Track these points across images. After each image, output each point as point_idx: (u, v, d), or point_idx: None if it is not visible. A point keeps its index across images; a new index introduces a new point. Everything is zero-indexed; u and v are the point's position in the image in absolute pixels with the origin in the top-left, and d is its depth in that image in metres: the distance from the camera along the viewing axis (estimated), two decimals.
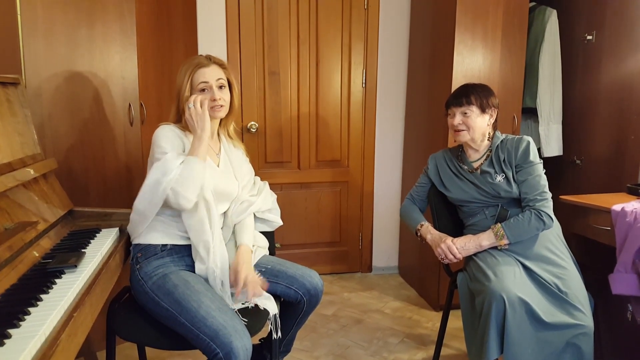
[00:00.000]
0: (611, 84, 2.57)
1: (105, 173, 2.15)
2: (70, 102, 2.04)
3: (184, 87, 1.64)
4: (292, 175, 3.19)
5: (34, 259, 1.35)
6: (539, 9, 2.81)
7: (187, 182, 1.49)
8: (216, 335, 1.37)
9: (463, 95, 1.88)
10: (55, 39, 1.98)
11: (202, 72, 1.64)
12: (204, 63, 1.65)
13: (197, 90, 1.64)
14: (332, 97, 3.16)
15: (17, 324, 0.98)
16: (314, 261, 3.30)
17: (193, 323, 1.40)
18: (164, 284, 1.50)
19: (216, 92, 1.64)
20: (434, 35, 2.80)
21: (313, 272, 1.73)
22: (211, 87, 1.64)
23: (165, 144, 1.57)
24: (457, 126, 1.89)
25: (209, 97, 1.62)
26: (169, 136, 1.60)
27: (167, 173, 1.48)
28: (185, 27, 2.72)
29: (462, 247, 1.86)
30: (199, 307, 1.42)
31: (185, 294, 1.46)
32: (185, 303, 1.44)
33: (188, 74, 1.64)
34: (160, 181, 1.48)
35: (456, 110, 1.89)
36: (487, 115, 1.89)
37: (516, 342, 1.61)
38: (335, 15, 3.06)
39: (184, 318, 1.42)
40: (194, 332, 1.40)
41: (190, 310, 1.42)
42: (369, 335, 2.52)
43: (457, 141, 1.95)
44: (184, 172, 1.49)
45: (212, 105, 1.64)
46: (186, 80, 1.64)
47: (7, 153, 1.47)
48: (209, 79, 1.64)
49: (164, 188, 1.47)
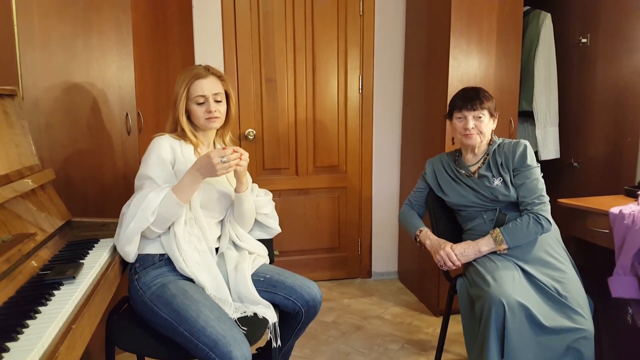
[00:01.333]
0: (606, 86, 2.58)
1: (103, 182, 2.15)
2: (67, 112, 2.05)
3: (180, 97, 1.65)
4: (290, 182, 3.19)
5: (32, 270, 1.34)
6: (533, 13, 2.83)
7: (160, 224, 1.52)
8: (215, 345, 1.37)
9: (476, 98, 1.86)
10: (52, 50, 1.98)
11: (200, 84, 1.65)
12: (202, 74, 1.66)
13: (193, 102, 1.66)
14: (328, 103, 3.17)
15: (15, 337, 0.98)
16: (313, 267, 3.29)
17: (192, 333, 1.40)
18: (163, 294, 1.50)
19: (212, 104, 1.66)
20: (429, 40, 2.82)
21: (312, 283, 1.72)
22: (207, 100, 1.66)
23: (152, 166, 1.59)
24: (471, 130, 1.87)
25: (238, 156, 1.58)
26: (161, 155, 1.60)
27: (141, 220, 1.49)
28: (181, 35, 2.73)
29: (461, 253, 1.86)
30: (198, 316, 1.42)
31: (184, 304, 1.45)
32: (184, 312, 1.43)
33: (185, 84, 1.65)
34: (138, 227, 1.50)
35: (468, 114, 1.87)
36: (494, 120, 1.91)
37: (516, 347, 1.60)
38: (331, 21, 3.07)
39: (182, 328, 1.42)
40: (193, 342, 1.40)
41: (189, 320, 1.42)
42: (369, 342, 2.51)
43: (466, 144, 1.93)
44: (158, 217, 1.51)
45: (207, 117, 1.66)
46: (183, 90, 1.65)
47: (5, 164, 1.47)
48: (207, 92, 1.65)
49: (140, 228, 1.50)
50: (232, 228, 1.76)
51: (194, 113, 1.67)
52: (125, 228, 1.49)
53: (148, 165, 1.59)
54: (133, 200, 1.52)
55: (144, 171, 1.60)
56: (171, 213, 1.51)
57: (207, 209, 1.69)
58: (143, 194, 1.50)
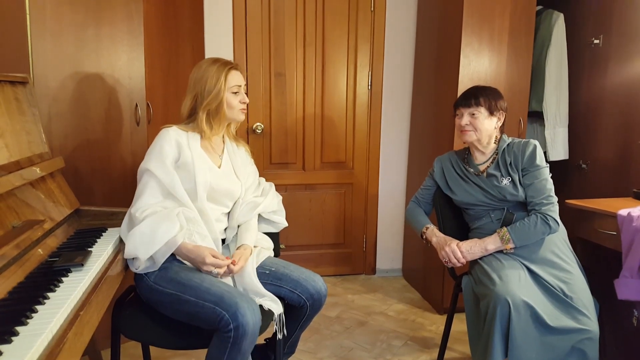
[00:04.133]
0: (618, 88, 2.56)
1: (111, 173, 2.16)
2: (77, 102, 2.05)
3: (220, 86, 1.66)
4: (297, 177, 3.19)
5: (41, 257, 1.35)
6: (546, 13, 2.81)
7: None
8: (221, 299, 1.38)
9: (472, 96, 1.89)
10: (64, 39, 1.99)
11: (236, 74, 1.71)
12: (234, 66, 1.72)
13: (229, 91, 1.69)
14: (337, 98, 3.16)
15: (25, 321, 0.99)
16: (317, 262, 3.30)
17: (197, 295, 1.42)
18: (166, 274, 1.53)
19: (244, 95, 1.73)
20: (440, 38, 2.80)
21: (317, 277, 1.72)
22: (241, 89, 1.72)
23: (153, 160, 1.59)
24: (465, 127, 1.89)
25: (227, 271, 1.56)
26: (164, 149, 1.61)
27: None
28: (192, 28, 2.73)
29: (467, 250, 1.86)
30: (202, 280, 1.46)
31: (188, 276, 1.49)
32: (188, 282, 1.47)
33: (224, 74, 1.67)
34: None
35: (464, 111, 1.89)
36: (495, 118, 1.89)
37: (521, 346, 1.60)
38: (341, 17, 3.07)
39: (188, 295, 1.44)
40: (199, 304, 1.40)
41: (194, 286, 1.45)
42: (372, 338, 2.51)
43: (463, 141, 1.95)
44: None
45: (242, 107, 1.73)
46: (222, 79, 1.66)
47: (15, 151, 1.48)
48: (241, 82, 1.72)
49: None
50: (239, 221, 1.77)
51: (230, 103, 1.70)
52: (127, 245, 1.48)
53: (149, 160, 1.61)
54: (143, 225, 1.48)
55: (144, 164, 1.62)
56: (161, 254, 1.51)
57: (214, 202, 1.70)
58: (154, 228, 1.48)
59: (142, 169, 1.62)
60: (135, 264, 1.51)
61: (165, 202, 1.58)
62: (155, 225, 1.47)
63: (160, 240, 1.47)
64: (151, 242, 1.46)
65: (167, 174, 1.59)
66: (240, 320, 1.35)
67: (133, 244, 1.46)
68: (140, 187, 1.60)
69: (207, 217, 1.65)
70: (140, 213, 1.52)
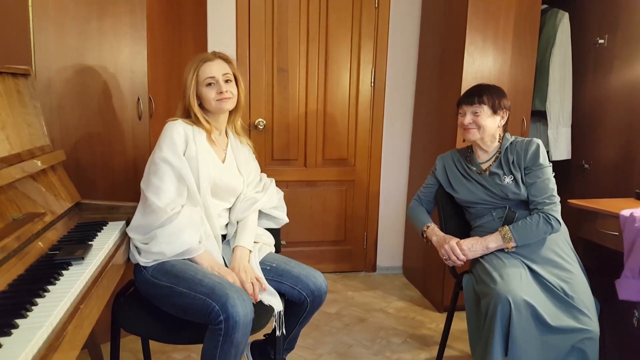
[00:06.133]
0: (622, 88, 2.55)
1: (112, 166, 2.16)
2: (79, 95, 2.05)
3: (189, 82, 1.66)
4: (298, 173, 3.19)
5: (41, 250, 1.35)
6: (551, 12, 2.79)
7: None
8: (212, 291, 1.38)
9: (475, 94, 1.88)
10: (66, 32, 1.98)
11: (208, 66, 1.66)
12: (209, 57, 1.68)
13: (203, 85, 1.66)
14: (340, 95, 3.15)
15: (25, 314, 0.98)
16: (318, 259, 3.29)
17: (190, 287, 1.42)
18: (163, 267, 1.53)
19: (222, 85, 1.66)
20: (445, 36, 2.79)
21: (317, 273, 1.72)
22: (217, 81, 1.66)
23: (168, 151, 1.59)
24: (467, 125, 1.88)
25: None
26: (174, 140, 1.60)
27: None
28: (195, 22, 2.72)
29: (468, 248, 1.86)
30: (196, 272, 1.46)
31: (182, 269, 1.49)
32: (183, 274, 1.47)
33: (194, 69, 1.66)
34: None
35: (467, 109, 1.89)
36: (498, 116, 1.88)
37: (521, 345, 1.60)
38: (345, 13, 3.05)
39: (181, 287, 1.44)
40: (191, 296, 1.41)
41: (187, 278, 1.45)
42: (372, 335, 2.51)
43: (466, 139, 1.94)
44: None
45: (219, 98, 1.66)
46: (192, 74, 1.65)
47: (17, 144, 1.48)
48: (215, 73, 1.66)
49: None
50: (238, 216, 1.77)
51: (205, 96, 1.67)
52: (158, 239, 1.53)
53: (163, 150, 1.59)
54: (174, 225, 1.53)
55: (160, 154, 1.59)
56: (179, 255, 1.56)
57: (217, 197, 1.69)
58: (181, 228, 1.53)
59: (158, 157, 1.59)
60: (147, 257, 1.54)
61: (182, 194, 1.60)
62: (181, 228, 1.52)
63: (181, 246, 1.53)
64: (175, 242, 1.51)
65: (182, 163, 1.59)
66: (230, 311, 1.34)
67: (164, 241, 1.51)
68: (159, 176, 1.57)
69: (210, 213, 1.65)
70: (171, 209, 1.54)
